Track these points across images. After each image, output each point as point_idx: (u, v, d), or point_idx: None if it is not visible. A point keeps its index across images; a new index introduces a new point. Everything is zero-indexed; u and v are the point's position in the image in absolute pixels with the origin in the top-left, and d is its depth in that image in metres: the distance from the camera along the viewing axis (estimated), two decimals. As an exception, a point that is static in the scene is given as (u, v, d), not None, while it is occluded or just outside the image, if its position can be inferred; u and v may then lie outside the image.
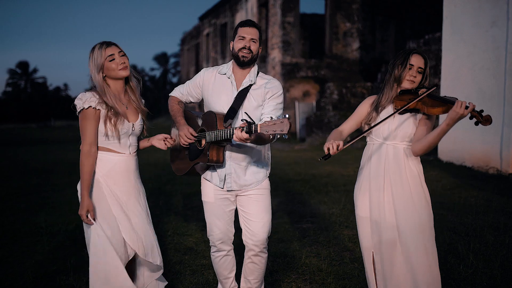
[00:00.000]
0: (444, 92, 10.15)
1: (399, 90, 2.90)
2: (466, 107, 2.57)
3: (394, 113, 2.83)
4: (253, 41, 3.08)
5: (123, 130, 2.94)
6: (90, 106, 2.84)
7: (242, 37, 3.07)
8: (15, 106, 62.00)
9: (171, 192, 7.79)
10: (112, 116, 2.88)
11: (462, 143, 9.69)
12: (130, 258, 2.97)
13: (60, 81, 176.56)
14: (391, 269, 2.86)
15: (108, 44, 2.93)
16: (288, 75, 20.44)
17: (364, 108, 3.02)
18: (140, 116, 3.06)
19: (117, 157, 2.97)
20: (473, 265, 4.10)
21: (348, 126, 3.06)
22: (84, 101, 2.85)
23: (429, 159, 10.29)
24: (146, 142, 3.21)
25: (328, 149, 2.75)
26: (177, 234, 5.29)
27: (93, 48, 2.92)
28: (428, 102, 2.76)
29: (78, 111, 2.87)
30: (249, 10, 23.60)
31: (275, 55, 20.93)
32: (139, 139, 3.16)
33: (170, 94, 3.41)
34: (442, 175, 8.61)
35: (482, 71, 9.23)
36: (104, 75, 2.92)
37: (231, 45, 3.16)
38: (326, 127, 16.73)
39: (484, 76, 9.21)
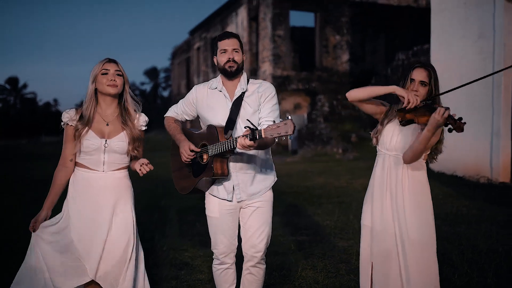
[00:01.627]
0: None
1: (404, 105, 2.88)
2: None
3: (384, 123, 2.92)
4: (236, 51, 3.11)
5: (91, 145, 2.92)
6: (64, 123, 2.97)
7: (224, 50, 3.10)
8: (4, 122, 61.57)
9: (166, 207, 7.78)
10: (80, 126, 2.92)
11: (453, 153, 9.74)
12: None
13: (50, 96, 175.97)
14: (385, 281, 2.87)
15: (110, 60, 3.00)
16: (279, 88, 20.55)
17: (383, 107, 3.07)
18: (122, 135, 3.00)
19: (89, 173, 2.97)
20: (467, 274, 4.14)
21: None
22: (63, 117, 2.98)
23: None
24: (132, 164, 3.09)
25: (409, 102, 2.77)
26: (173, 249, 5.28)
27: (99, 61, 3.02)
28: (418, 112, 2.80)
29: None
30: (239, 23, 23.78)
31: (266, 68, 21.06)
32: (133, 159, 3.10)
33: (165, 116, 3.42)
34: (433, 185, 8.63)
35: (471, 82, 9.36)
36: (95, 87, 2.97)
37: (215, 60, 3.19)
38: (318, 139, 16.83)
39: (472, 86, 9.30)
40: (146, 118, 3.15)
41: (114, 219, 2.96)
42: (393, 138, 2.93)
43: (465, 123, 2.61)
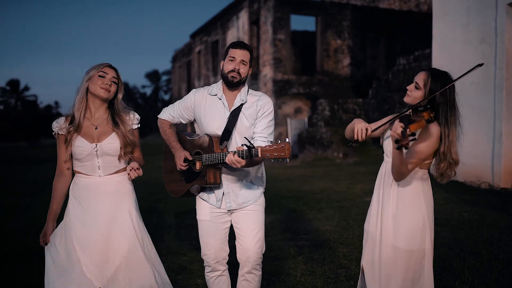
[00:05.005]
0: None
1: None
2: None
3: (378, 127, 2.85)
4: (243, 63, 3.08)
5: (82, 151, 2.90)
6: (55, 132, 2.96)
7: (233, 58, 3.07)
8: (5, 124, 61.59)
9: (164, 211, 7.73)
10: (71, 132, 2.90)
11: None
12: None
13: (51, 99, 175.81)
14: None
15: (110, 66, 2.99)
16: (280, 92, 20.53)
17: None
18: (112, 136, 2.96)
19: (86, 179, 2.95)
20: (468, 281, 4.08)
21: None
22: (53, 127, 2.97)
23: (422, 174, 10.29)
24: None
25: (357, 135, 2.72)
26: (171, 253, 5.23)
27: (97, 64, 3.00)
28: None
29: None
30: (240, 27, 23.77)
31: (267, 72, 21.04)
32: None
33: (159, 117, 3.37)
34: (434, 190, 8.53)
35: (472, 87, 9.32)
36: (88, 86, 2.93)
37: (221, 65, 3.16)
38: (318, 143, 16.77)
39: (474, 92, 9.29)
40: (138, 116, 3.12)
41: (115, 224, 2.92)
42: (389, 144, 2.86)
43: (414, 139, 2.34)
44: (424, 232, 2.74)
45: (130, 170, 2.90)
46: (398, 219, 2.74)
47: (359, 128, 2.72)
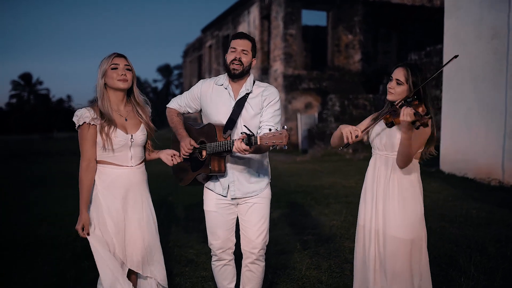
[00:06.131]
0: (446, 104, 10.16)
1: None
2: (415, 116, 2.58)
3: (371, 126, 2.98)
4: (244, 53, 3.11)
5: (119, 141, 2.95)
6: (85, 122, 2.89)
7: (234, 48, 3.12)
8: (18, 117, 62.24)
9: (173, 203, 7.79)
10: (105, 125, 2.91)
11: (464, 155, 9.68)
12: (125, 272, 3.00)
13: (63, 92, 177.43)
14: (364, 279, 2.96)
15: (118, 55, 3.01)
16: (290, 87, 20.49)
17: (366, 120, 3.13)
18: (142, 127, 3.06)
19: (119, 170, 2.99)
20: (474, 277, 4.08)
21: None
22: (79, 117, 2.91)
23: (431, 170, 10.27)
24: (155, 154, 3.22)
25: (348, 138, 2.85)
26: (178, 246, 5.28)
27: (105, 56, 3.01)
28: (396, 114, 2.78)
29: (76, 127, 2.94)
30: (251, 22, 23.75)
31: (277, 67, 21.01)
32: (146, 150, 3.19)
33: (167, 106, 3.44)
34: (443, 187, 8.59)
35: (484, 83, 9.25)
36: (105, 82, 2.97)
37: (226, 57, 3.20)
38: (328, 138, 16.72)
39: (485, 88, 9.22)
40: (150, 109, 3.19)
41: (142, 212, 3.07)
42: (382, 138, 2.96)
43: (430, 117, 2.58)
44: (422, 220, 2.90)
45: (173, 156, 3.11)
46: (401, 210, 2.85)
47: (347, 131, 2.85)
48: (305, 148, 18.36)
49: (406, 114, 2.59)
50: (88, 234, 2.91)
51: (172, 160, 3.11)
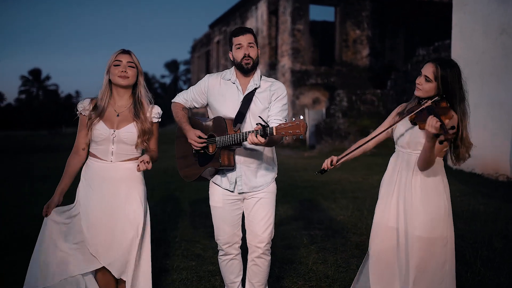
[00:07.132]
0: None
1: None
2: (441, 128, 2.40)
3: (394, 124, 2.89)
4: (251, 46, 3.14)
5: (100, 134, 2.98)
6: (78, 112, 3.06)
7: (239, 44, 3.13)
8: (27, 113, 62.62)
9: (179, 199, 7.84)
10: (92, 116, 3.00)
11: (472, 150, 9.63)
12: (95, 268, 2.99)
13: (72, 88, 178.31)
14: (381, 276, 2.86)
15: (124, 51, 3.05)
16: (298, 82, 20.48)
17: (390, 116, 3.02)
18: (131, 125, 3.02)
19: (98, 163, 3.04)
20: (480, 272, 4.09)
21: (375, 133, 3.01)
22: (78, 107, 3.07)
23: (439, 166, 10.22)
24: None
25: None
26: (185, 241, 5.32)
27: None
28: (422, 116, 2.61)
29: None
30: (259, 17, 23.72)
31: (285, 62, 20.99)
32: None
33: (173, 101, 3.44)
34: (451, 182, 8.47)
35: (492, 78, 9.20)
36: (109, 78, 3.03)
37: (230, 56, 3.22)
38: (336, 134, 16.71)
39: (493, 83, 9.18)
40: (159, 110, 3.16)
41: (123, 209, 3.01)
42: (406, 135, 2.85)
43: (454, 133, 2.40)
44: (446, 219, 2.79)
45: (141, 162, 2.90)
46: (423, 206, 2.75)
47: (327, 159, 3.01)
48: (313, 144, 18.35)
49: (431, 126, 2.40)
50: (46, 215, 3.01)
51: (138, 166, 2.89)
